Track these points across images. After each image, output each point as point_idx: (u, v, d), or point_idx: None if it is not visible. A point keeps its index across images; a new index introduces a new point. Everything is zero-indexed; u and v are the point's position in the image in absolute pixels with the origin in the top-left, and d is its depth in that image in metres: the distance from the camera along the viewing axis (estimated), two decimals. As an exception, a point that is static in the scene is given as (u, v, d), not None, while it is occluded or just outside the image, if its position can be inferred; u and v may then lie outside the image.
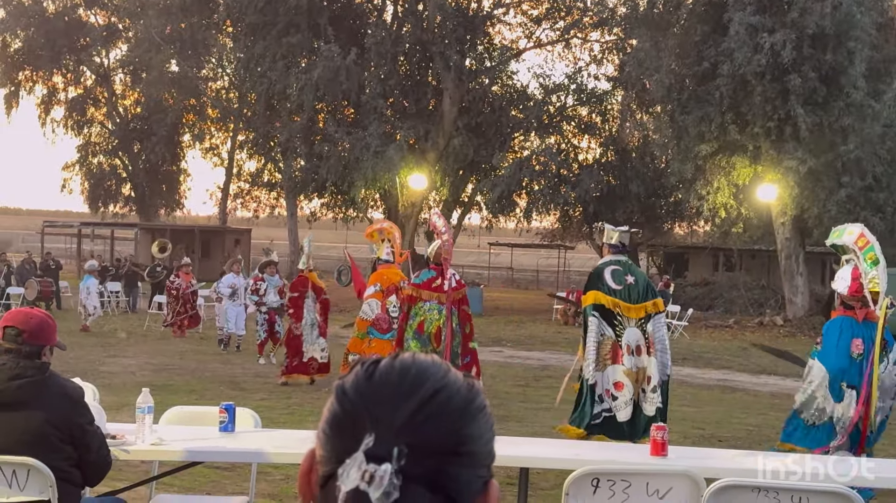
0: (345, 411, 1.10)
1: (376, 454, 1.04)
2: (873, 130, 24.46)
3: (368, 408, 1.08)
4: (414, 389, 1.09)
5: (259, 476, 6.93)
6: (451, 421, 1.09)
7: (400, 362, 1.13)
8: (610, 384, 8.05)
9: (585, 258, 48.05)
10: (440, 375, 1.12)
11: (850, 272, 6.65)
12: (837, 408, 6.52)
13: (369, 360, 1.15)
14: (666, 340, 8.33)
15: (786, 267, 27.68)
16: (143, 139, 44.81)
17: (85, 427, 4.13)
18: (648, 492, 4.19)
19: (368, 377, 1.12)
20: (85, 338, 19.16)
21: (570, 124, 35.92)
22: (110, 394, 11.04)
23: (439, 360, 1.15)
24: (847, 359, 6.56)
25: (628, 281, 8.32)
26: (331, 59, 29.82)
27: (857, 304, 6.60)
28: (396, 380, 1.10)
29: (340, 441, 1.09)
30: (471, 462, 1.10)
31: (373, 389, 1.10)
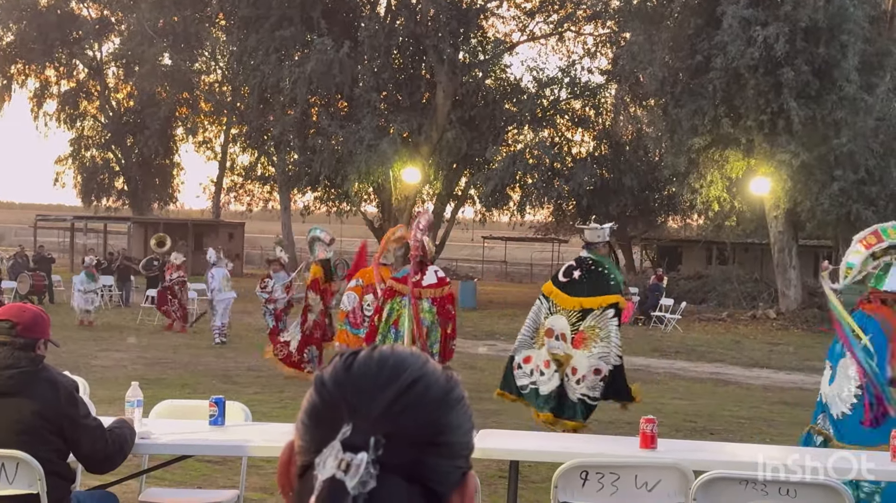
0: (323, 401, 1.10)
1: (353, 443, 1.04)
2: (866, 124, 24.49)
3: (346, 398, 1.08)
4: (392, 379, 1.09)
5: (250, 469, 6.93)
6: (429, 411, 1.09)
7: (378, 353, 1.13)
8: (541, 361, 8.86)
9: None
10: (418, 366, 1.12)
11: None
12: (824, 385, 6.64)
13: (348, 352, 1.15)
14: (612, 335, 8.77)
15: (779, 260, 27.73)
16: (135, 133, 44.72)
17: (77, 420, 4.12)
18: (637, 484, 4.20)
19: (347, 368, 1.12)
20: (77, 332, 19.12)
21: (564, 118, 35.94)
22: (102, 388, 11.02)
23: (418, 352, 1.15)
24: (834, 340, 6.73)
25: (574, 276, 8.97)
26: (324, 53, 29.78)
27: None
28: (375, 370, 1.10)
29: (318, 431, 1.08)
30: (449, 452, 1.10)
31: (351, 380, 1.10)
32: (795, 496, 3.93)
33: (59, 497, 4.16)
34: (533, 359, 8.92)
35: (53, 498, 4.10)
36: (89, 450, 4.17)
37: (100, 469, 4.34)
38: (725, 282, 32.55)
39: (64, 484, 4.22)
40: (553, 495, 4.27)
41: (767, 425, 11.27)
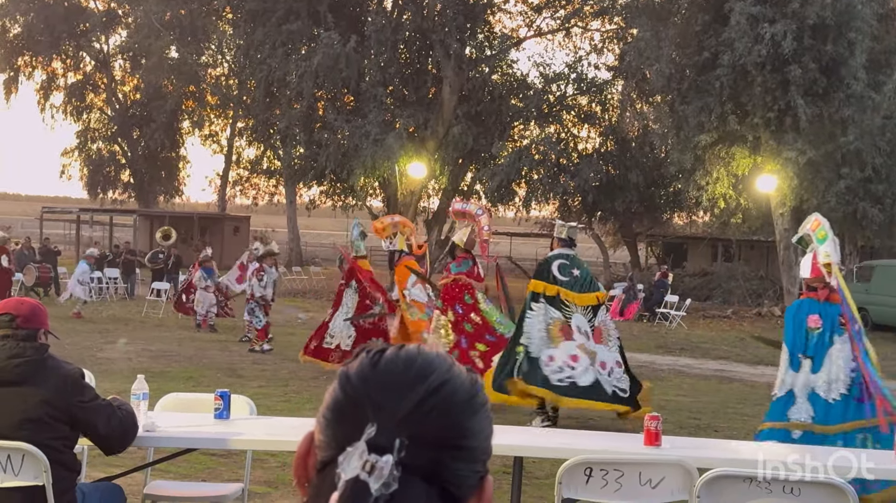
0: (347, 397, 1.10)
1: (378, 444, 1.05)
2: (873, 122, 24.44)
3: (371, 397, 1.08)
4: (419, 380, 1.09)
5: (255, 463, 6.95)
6: (454, 414, 1.09)
7: (406, 353, 1.13)
8: (567, 357, 8.87)
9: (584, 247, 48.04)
10: (445, 368, 1.12)
11: (811, 259, 7.16)
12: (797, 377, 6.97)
13: (375, 349, 1.15)
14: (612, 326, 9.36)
15: (784, 258, 27.68)
16: (142, 125, 44.75)
17: (87, 404, 4.16)
18: (641, 481, 4.20)
19: (374, 365, 1.12)
20: (81, 324, 19.16)
21: (570, 114, 35.89)
22: (107, 380, 11.05)
23: (444, 354, 1.15)
24: (804, 333, 7.00)
25: (574, 273, 9.18)
26: (330, 47, 29.77)
27: (819, 285, 7.06)
28: (402, 369, 1.11)
29: (341, 427, 1.09)
30: (469, 456, 1.10)
31: (377, 377, 1.10)
32: (799, 494, 3.93)
33: (65, 489, 4.18)
34: (557, 357, 8.91)
35: (59, 489, 4.11)
36: (106, 429, 4.21)
37: (120, 446, 4.37)
38: (731, 280, 32.50)
39: (69, 475, 4.24)
40: (557, 491, 4.28)
41: (772, 423, 11.24)
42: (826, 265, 6.94)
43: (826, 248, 7.00)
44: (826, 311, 7.01)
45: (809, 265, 7.17)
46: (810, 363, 6.91)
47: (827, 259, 6.95)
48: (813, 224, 7.25)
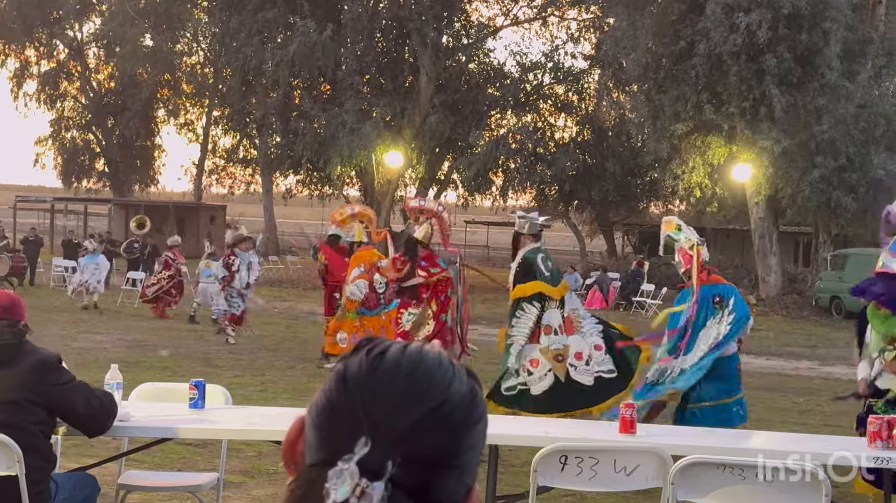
0: (343, 403, 1.06)
1: (370, 467, 1.01)
2: (847, 111, 24.59)
3: (368, 409, 1.05)
4: (418, 398, 1.05)
5: (231, 453, 6.93)
6: (451, 435, 1.06)
7: (408, 360, 1.08)
8: (526, 360, 8.54)
9: (562, 236, 48.15)
10: (446, 383, 1.08)
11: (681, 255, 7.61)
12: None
13: (377, 348, 1.10)
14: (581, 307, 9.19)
15: (759, 246, 27.85)
16: (116, 114, 44.40)
17: (63, 387, 4.17)
18: (616, 468, 4.22)
19: (373, 370, 1.07)
20: (57, 314, 19.03)
21: (547, 103, 35.92)
22: (82, 371, 10.96)
23: (446, 360, 1.11)
24: None
25: (550, 266, 8.86)
26: (307, 35, 29.63)
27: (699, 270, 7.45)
28: (402, 381, 1.06)
29: (334, 434, 1.06)
30: (460, 472, 1.08)
31: (375, 387, 1.06)
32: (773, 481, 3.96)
33: (38, 479, 4.15)
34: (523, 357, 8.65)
35: (32, 480, 4.09)
36: (86, 409, 4.21)
37: (101, 426, 4.37)
38: (706, 269, 32.60)
39: (45, 465, 4.22)
40: (532, 479, 4.29)
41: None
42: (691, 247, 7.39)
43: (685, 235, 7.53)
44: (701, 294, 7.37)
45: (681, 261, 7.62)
46: None
47: (689, 243, 7.43)
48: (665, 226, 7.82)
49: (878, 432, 4.78)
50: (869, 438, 4.80)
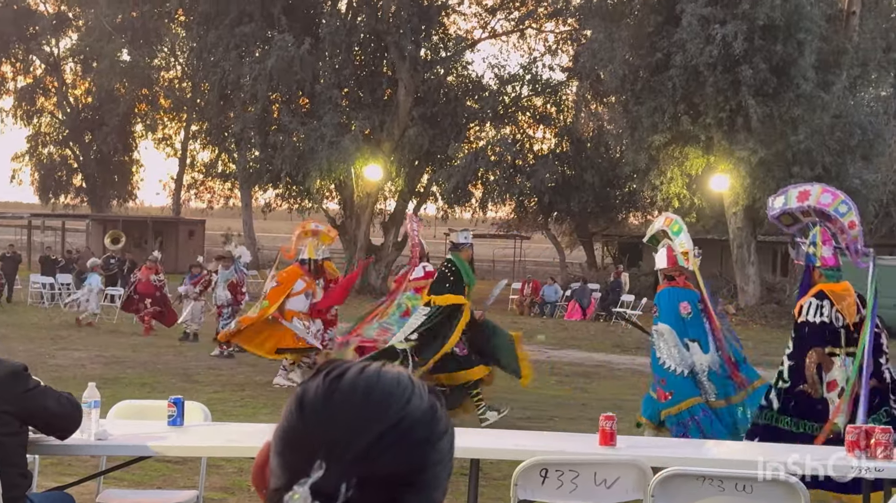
0: (299, 428, 1.06)
1: (324, 489, 1.01)
2: (823, 121, 24.78)
3: (323, 432, 1.04)
4: (375, 417, 1.05)
5: (211, 469, 6.90)
6: (411, 452, 1.06)
7: (364, 381, 1.08)
8: None
9: (541, 248, 48.26)
10: (403, 400, 1.07)
11: (666, 251, 8.03)
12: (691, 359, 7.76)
13: (335, 371, 1.09)
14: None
15: (738, 256, 28.00)
16: (94, 129, 44.20)
17: (33, 392, 4.17)
18: (596, 481, 4.22)
19: (329, 395, 1.07)
20: (35, 330, 18.92)
21: (526, 115, 35.99)
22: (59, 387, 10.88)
23: (405, 378, 1.10)
24: (680, 319, 7.83)
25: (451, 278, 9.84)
26: (285, 49, 29.59)
27: (676, 274, 7.94)
28: (358, 404, 1.06)
29: (293, 458, 1.05)
30: (425, 487, 1.07)
31: (331, 410, 1.06)
32: (752, 492, 3.98)
33: (15, 497, 4.12)
34: None
35: (8, 498, 4.06)
36: (57, 408, 4.24)
37: (74, 425, 4.37)
38: (685, 278, 32.73)
39: (21, 482, 4.18)
40: (513, 493, 4.29)
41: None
42: (684, 253, 7.85)
43: (681, 239, 7.96)
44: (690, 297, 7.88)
45: (665, 257, 8.02)
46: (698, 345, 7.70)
47: (683, 248, 7.89)
48: (666, 221, 8.28)
49: (856, 442, 4.81)
50: (847, 447, 4.83)
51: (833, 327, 6.49)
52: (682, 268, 7.89)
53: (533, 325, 24.54)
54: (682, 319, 7.80)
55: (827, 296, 6.52)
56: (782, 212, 7.01)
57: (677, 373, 7.68)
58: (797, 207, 6.87)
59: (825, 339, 6.47)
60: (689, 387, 7.64)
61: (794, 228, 7.04)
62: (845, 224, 6.66)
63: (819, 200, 6.77)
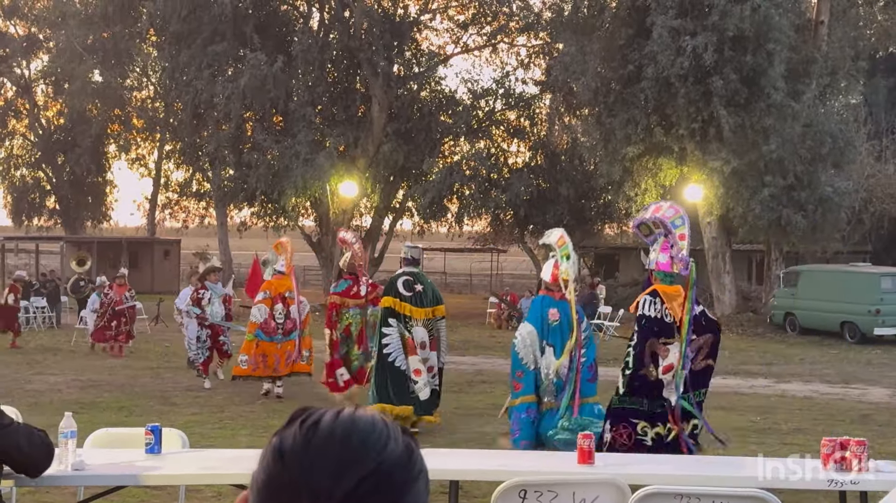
0: (280, 478, 1.08)
1: None
2: (794, 130, 24.99)
3: (306, 481, 1.06)
4: (354, 463, 1.06)
5: (190, 494, 6.87)
6: (391, 495, 1.07)
7: (341, 428, 1.10)
8: (410, 371, 10.37)
9: (518, 261, 48.34)
10: (381, 444, 1.09)
11: (552, 265, 8.86)
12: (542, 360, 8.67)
13: (310, 419, 1.11)
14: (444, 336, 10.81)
15: (713, 266, 28.14)
16: (66, 151, 43.96)
17: (6, 430, 4.14)
18: (575, 500, 4.24)
19: (307, 443, 1.09)
20: (10, 355, 18.76)
21: (499, 128, 36.14)
22: (36, 413, 10.82)
23: (379, 421, 1.12)
24: (546, 324, 8.71)
25: (417, 289, 10.52)
26: (257, 68, 29.59)
27: (555, 289, 8.78)
28: (337, 450, 1.07)
29: None
30: None
31: (311, 459, 1.07)
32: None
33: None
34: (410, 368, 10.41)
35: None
36: (29, 448, 4.19)
37: (45, 464, 4.35)
38: (662, 289, 32.84)
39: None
40: (492, 514, 4.30)
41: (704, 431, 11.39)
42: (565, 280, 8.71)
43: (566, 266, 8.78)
44: (562, 307, 8.74)
45: (550, 271, 8.87)
46: (552, 350, 8.67)
47: (566, 276, 8.72)
48: (559, 241, 8.96)
49: (830, 454, 4.85)
50: (822, 460, 4.87)
51: (664, 322, 7.46)
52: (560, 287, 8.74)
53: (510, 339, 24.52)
54: (548, 324, 8.71)
55: (659, 295, 7.48)
56: (640, 222, 7.84)
57: (530, 370, 8.66)
58: (650, 219, 7.70)
59: (659, 331, 7.43)
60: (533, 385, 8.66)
61: (650, 238, 7.78)
62: (677, 236, 7.54)
63: (665, 214, 7.65)
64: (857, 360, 20.22)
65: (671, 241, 7.60)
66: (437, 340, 10.54)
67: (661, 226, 7.66)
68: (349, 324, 11.97)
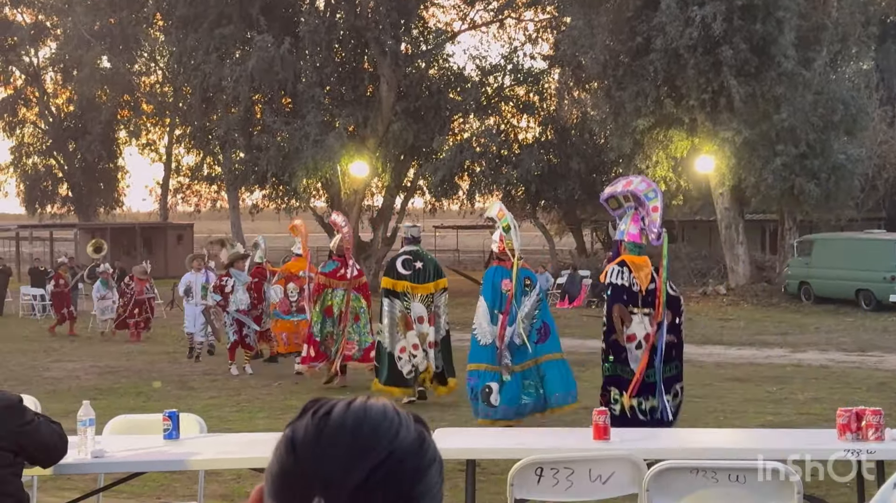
0: (293, 468, 1.09)
1: None
2: (805, 99, 24.83)
3: (318, 470, 1.07)
4: (366, 452, 1.07)
5: (209, 477, 6.91)
6: (403, 483, 1.08)
7: (353, 418, 1.10)
8: (410, 345, 10.81)
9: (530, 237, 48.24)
10: (392, 433, 1.10)
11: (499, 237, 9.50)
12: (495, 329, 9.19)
13: (321, 410, 1.12)
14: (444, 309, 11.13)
15: (726, 236, 28.06)
16: (77, 138, 44.06)
17: (30, 425, 4.14)
18: (591, 477, 4.26)
19: (318, 433, 1.10)
20: (27, 343, 18.89)
21: (509, 104, 35.98)
22: (55, 400, 10.90)
23: (391, 410, 1.13)
24: (499, 294, 9.27)
25: (417, 266, 10.92)
26: (265, 50, 29.53)
27: (505, 258, 9.39)
28: (349, 440, 1.08)
29: (289, 498, 1.08)
30: None
31: (323, 450, 1.08)
32: (745, 482, 4.01)
33: (13, 523, 4.13)
34: (406, 347, 10.82)
35: (8, 524, 4.07)
36: (51, 439, 4.24)
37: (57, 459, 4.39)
38: (675, 260, 32.71)
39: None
40: (509, 492, 4.32)
41: (720, 403, 11.42)
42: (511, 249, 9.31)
43: (510, 236, 9.38)
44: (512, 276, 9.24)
45: (498, 242, 9.52)
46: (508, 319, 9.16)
47: (510, 245, 9.33)
48: (499, 213, 9.65)
49: (846, 425, 4.85)
50: (839, 431, 4.87)
51: (631, 290, 7.84)
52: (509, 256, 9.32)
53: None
54: (501, 294, 9.26)
55: (627, 264, 7.89)
56: (610, 196, 8.18)
57: (479, 342, 9.31)
58: (621, 192, 8.07)
59: (625, 299, 7.84)
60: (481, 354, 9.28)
61: (619, 212, 8.17)
62: (650, 208, 7.85)
63: (637, 188, 8.01)
64: (872, 328, 20.17)
65: (642, 214, 7.94)
66: (435, 316, 10.91)
67: (631, 199, 8.00)
68: (331, 304, 12.35)
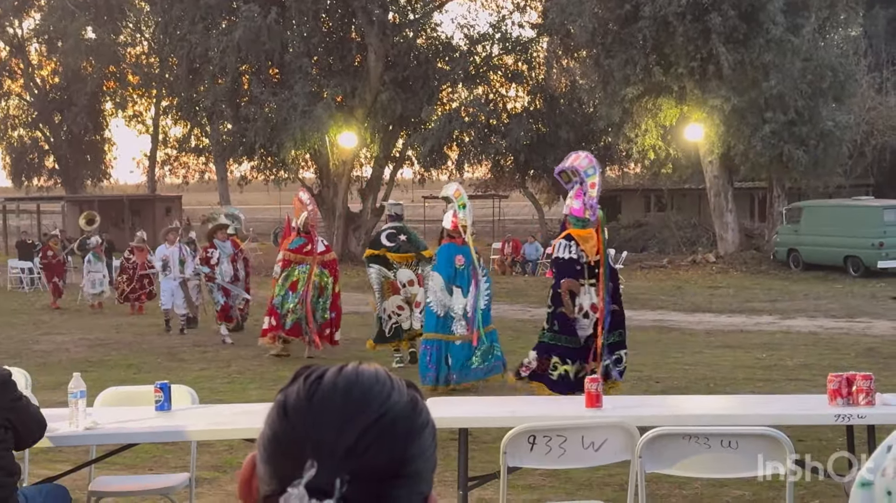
0: (285, 433, 1.08)
1: (319, 487, 1.03)
2: (794, 65, 24.79)
3: (310, 434, 1.06)
4: (357, 414, 1.07)
5: (202, 448, 6.92)
6: (395, 446, 1.08)
7: (344, 381, 1.10)
8: (394, 307, 11.61)
9: (520, 206, 48.26)
10: (384, 396, 1.10)
11: (451, 215, 10.20)
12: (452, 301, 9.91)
13: (313, 375, 1.12)
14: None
15: (715, 204, 28.10)
16: (63, 110, 43.78)
17: (19, 402, 4.14)
18: (584, 444, 4.26)
19: (309, 397, 1.09)
20: (16, 316, 18.84)
21: (497, 74, 35.83)
22: (45, 373, 10.89)
23: (382, 374, 1.13)
24: (453, 269, 9.99)
25: (401, 238, 11.76)
26: (251, 20, 29.31)
27: (457, 235, 10.11)
28: (340, 403, 1.08)
29: (282, 463, 1.07)
30: (413, 481, 1.09)
31: (314, 414, 1.08)
32: (737, 447, 4.03)
33: (5, 496, 4.12)
34: (388, 308, 11.62)
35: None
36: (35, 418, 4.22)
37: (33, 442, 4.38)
38: (664, 229, 32.92)
39: (9, 480, 4.17)
40: (502, 460, 4.33)
41: (711, 370, 11.48)
42: (464, 227, 10.08)
43: (464, 214, 10.13)
44: (465, 252, 10.05)
45: (451, 220, 10.17)
46: (461, 291, 9.94)
47: (464, 223, 10.11)
48: (455, 193, 10.37)
49: (837, 390, 4.87)
50: (829, 396, 4.89)
51: (579, 262, 8.21)
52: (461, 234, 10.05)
53: (516, 284, 24.63)
54: (455, 269, 9.96)
55: (574, 238, 8.23)
56: (561, 170, 8.49)
57: (433, 311, 9.97)
58: (569, 167, 8.38)
59: (574, 272, 8.21)
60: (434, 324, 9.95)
61: (570, 185, 8.42)
62: (588, 184, 8.24)
63: (580, 164, 8.34)
64: (861, 294, 20.27)
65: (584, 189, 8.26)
66: (423, 278, 11.34)
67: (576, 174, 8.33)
68: (296, 279, 12.56)
